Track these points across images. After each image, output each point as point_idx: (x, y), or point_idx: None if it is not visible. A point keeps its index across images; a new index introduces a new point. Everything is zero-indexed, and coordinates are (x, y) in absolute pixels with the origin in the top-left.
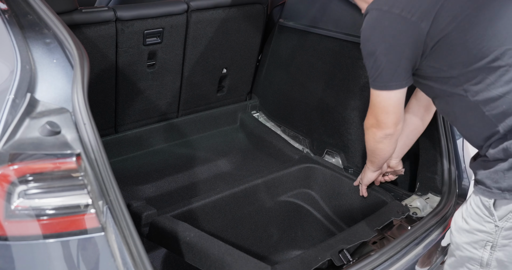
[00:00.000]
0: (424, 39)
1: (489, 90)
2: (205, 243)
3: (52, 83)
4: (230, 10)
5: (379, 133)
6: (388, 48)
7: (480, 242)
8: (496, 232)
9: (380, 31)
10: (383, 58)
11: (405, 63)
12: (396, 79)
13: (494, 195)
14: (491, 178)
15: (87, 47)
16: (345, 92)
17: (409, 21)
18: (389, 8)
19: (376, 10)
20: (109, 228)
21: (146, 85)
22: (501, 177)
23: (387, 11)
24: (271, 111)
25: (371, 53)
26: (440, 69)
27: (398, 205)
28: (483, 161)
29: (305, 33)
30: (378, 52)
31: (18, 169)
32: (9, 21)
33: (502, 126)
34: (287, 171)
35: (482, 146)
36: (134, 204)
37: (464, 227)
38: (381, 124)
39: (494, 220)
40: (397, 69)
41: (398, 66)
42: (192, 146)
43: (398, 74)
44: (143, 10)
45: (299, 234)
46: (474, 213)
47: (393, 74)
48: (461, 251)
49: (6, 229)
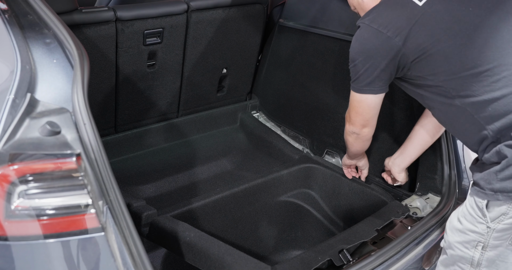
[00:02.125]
0: (401, 53)
1: (475, 96)
2: (205, 243)
3: (52, 83)
4: (230, 10)
5: (348, 127)
6: (366, 58)
7: (472, 242)
8: (488, 233)
9: (360, 43)
10: (361, 66)
11: (379, 74)
12: (370, 85)
13: (487, 196)
14: (484, 179)
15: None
16: (345, 92)
17: (385, 36)
18: (370, 23)
19: (362, 24)
20: (109, 228)
21: (146, 85)
22: (494, 178)
23: (368, 26)
24: (271, 111)
25: (352, 60)
26: (426, 78)
27: (398, 205)
28: (481, 164)
29: (305, 33)
30: (357, 61)
31: (18, 169)
32: (9, 21)
33: (491, 128)
34: (287, 171)
35: (477, 150)
36: (134, 204)
37: (458, 227)
38: (350, 120)
39: (486, 221)
40: (372, 78)
41: (373, 75)
42: (192, 146)
43: (373, 83)
44: (143, 10)
45: (299, 234)
46: (468, 214)
47: (369, 82)
48: (453, 250)
49: (6, 229)
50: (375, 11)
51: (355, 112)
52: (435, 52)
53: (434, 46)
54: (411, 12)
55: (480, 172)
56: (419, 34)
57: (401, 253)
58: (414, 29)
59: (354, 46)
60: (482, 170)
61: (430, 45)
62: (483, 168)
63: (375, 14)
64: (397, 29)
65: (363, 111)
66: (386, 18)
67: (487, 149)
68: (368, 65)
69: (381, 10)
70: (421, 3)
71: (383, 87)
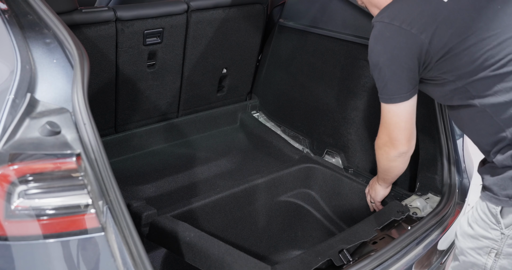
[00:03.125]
0: (426, 51)
1: (496, 96)
2: (205, 243)
3: (52, 83)
4: (230, 10)
5: (393, 152)
6: (390, 59)
7: (485, 248)
8: (502, 240)
9: (382, 42)
10: (386, 69)
11: (408, 74)
12: (401, 91)
13: (501, 202)
14: (498, 184)
15: (87, 47)
16: (345, 92)
17: (409, 33)
18: (390, 21)
19: (379, 22)
20: (109, 228)
21: (146, 85)
22: (509, 184)
23: (389, 24)
24: (271, 111)
25: (375, 64)
26: (447, 79)
27: (398, 205)
28: (491, 167)
29: (305, 33)
30: (381, 63)
31: (18, 169)
32: (9, 21)
33: (510, 131)
34: (287, 171)
35: (490, 151)
36: (134, 204)
37: (469, 233)
38: (394, 142)
39: (501, 228)
40: (401, 80)
41: (401, 77)
42: (192, 146)
43: (403, 85)
44: (143, 10)
45: (299, 234)
46: (480, 219)
47: (398, 86)
48: (465, 256)
49: (6, 229)
50: (394, 7)
51: (398, 129)
52: (460, 52)
53: (460, 45)
54: (436, 8)
55: (492, 176)
56: (446, 32)
57: (401, 253)
58: (441, 27)
59: (375, 47)
60: (494, 174)
61: (456, 44)
62: (494, 171)
63: (395, 10)
64: (422, 25)
65: (406, 124)
66: (408, 14)
67: (502, 151)
68: (395, 67)
69: (401, 5)
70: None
71: (414, 89)
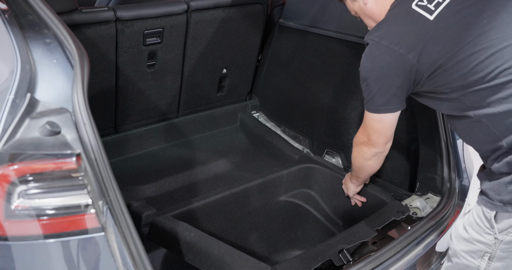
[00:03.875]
0: (416, 69)
1: (490, 108)
2: (205, 243)
3: (52, 83)
4: (230, 10)
5: (369, 151)
6: (379, 77)
7: (478, 252)
8: (495, 245)
9: (371, 60)
10: (374, 85)
11: (395, 91)
12: (387, 104)
13: (496, 207)
14: (494, 189)
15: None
16: (345, 92)
17: (397, 53)
18: (379, 40)
19: (371, 40)
20: (109, 228)
21: (146, 85)
22: (504, 190)
23: (378, 43)
24: (271, 111)
25: (364, 79)
26: (440, 92)
27: (398, 205)
28: (489, 172)
29: (305, 33)
30: (369, 80)
31: (18, 169)
32: (9, 21)
33: (506, 140)
34: (287, 171)
35: (488, 157)
36: (134, 204)
37: (464, 236)
38: (372, 143)
39: (494, 232)
40: (388, 96)
41: (388, 93)
42: (192, 146)
43: (389, 100)
44: (143, 10)
45: (299, 234)
46: (474, 223)
47: (384, 100)
48: (459, 259)
49: (6, 229)
50: (383, 26)
51: (377, 134)
52: (450, 67)
53: (449, 61)
54: (423, 27)
55: (489, 181)
56: (433, 50)
57: (401, 253)
58: (428, 45)
59: (365, 64)
60: (491, 179)
61: (445, 61)
62: (492, 177)
63: (384, 29)
64: (409, 45)
65: (386, 130)
66: (396, 34)
67: (499, 159)
68: (382, 84)
69: (390, 25)
70: (432, 17)
71: (400, 104)
